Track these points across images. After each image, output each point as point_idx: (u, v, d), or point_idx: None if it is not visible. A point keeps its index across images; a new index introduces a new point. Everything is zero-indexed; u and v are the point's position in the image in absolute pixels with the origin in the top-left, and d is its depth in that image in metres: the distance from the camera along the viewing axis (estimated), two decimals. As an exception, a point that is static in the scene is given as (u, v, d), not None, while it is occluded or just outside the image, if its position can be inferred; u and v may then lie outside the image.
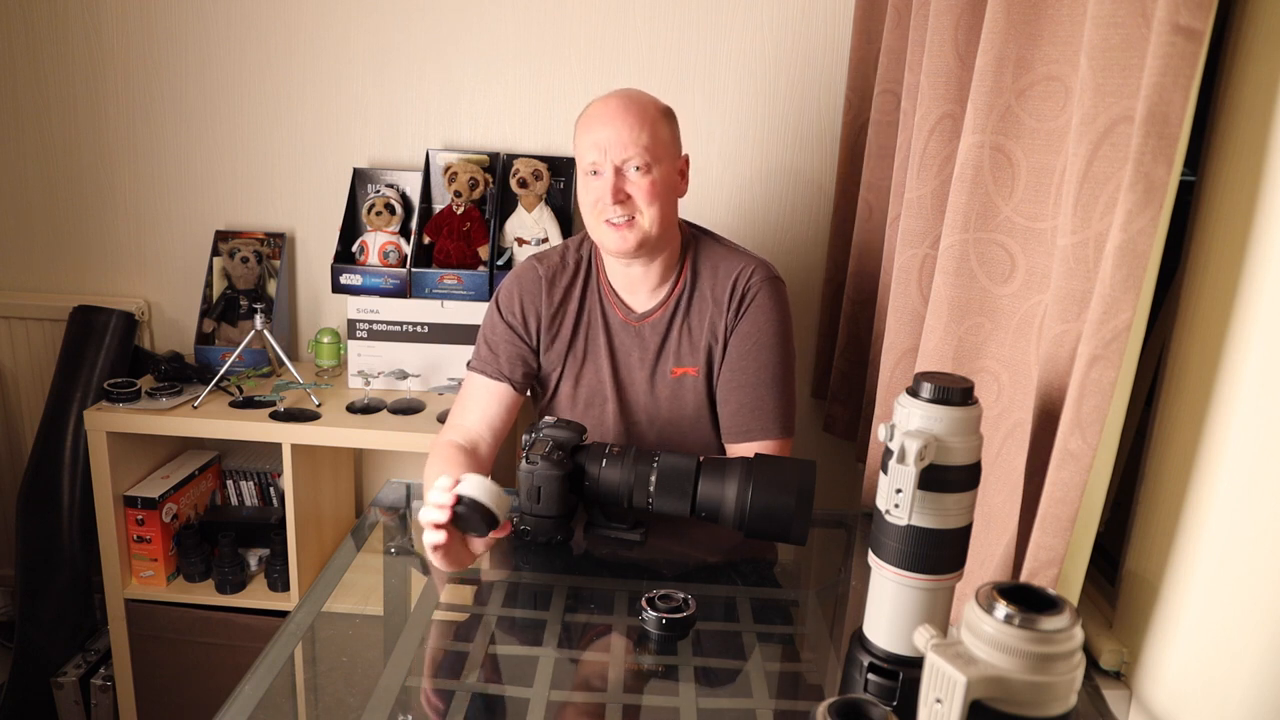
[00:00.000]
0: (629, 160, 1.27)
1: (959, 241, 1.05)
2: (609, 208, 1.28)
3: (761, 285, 1.36)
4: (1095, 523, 0.89)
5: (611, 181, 1.27)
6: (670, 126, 1.34)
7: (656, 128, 1.29)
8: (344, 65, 1.96)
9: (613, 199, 1.27)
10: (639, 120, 1.27)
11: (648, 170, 1.28)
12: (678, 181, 1.35)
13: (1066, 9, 0.92)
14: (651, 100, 1.32)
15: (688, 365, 1.39)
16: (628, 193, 1.28)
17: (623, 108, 1.28)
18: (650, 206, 1.28)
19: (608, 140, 1.27)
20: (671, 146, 1.33)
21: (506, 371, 1.39)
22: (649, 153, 1.27)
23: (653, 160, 1.28)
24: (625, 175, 1.28)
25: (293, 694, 0.94)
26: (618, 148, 1.27)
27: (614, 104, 1.29)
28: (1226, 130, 0.85)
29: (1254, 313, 0.79)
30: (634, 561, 1.20)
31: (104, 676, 1.93)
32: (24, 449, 2.11)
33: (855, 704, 0.65)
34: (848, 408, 1.78)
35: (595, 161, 1.29)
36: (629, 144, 1.27)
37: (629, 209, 1.28)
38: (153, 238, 2.07)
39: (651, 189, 1.28)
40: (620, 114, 1.28)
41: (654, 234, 1.30)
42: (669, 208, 1.32)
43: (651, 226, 1.29)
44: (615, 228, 1.29)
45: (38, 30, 1.97)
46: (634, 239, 1.29)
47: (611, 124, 1.27)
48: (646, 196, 1.28)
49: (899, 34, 1.51)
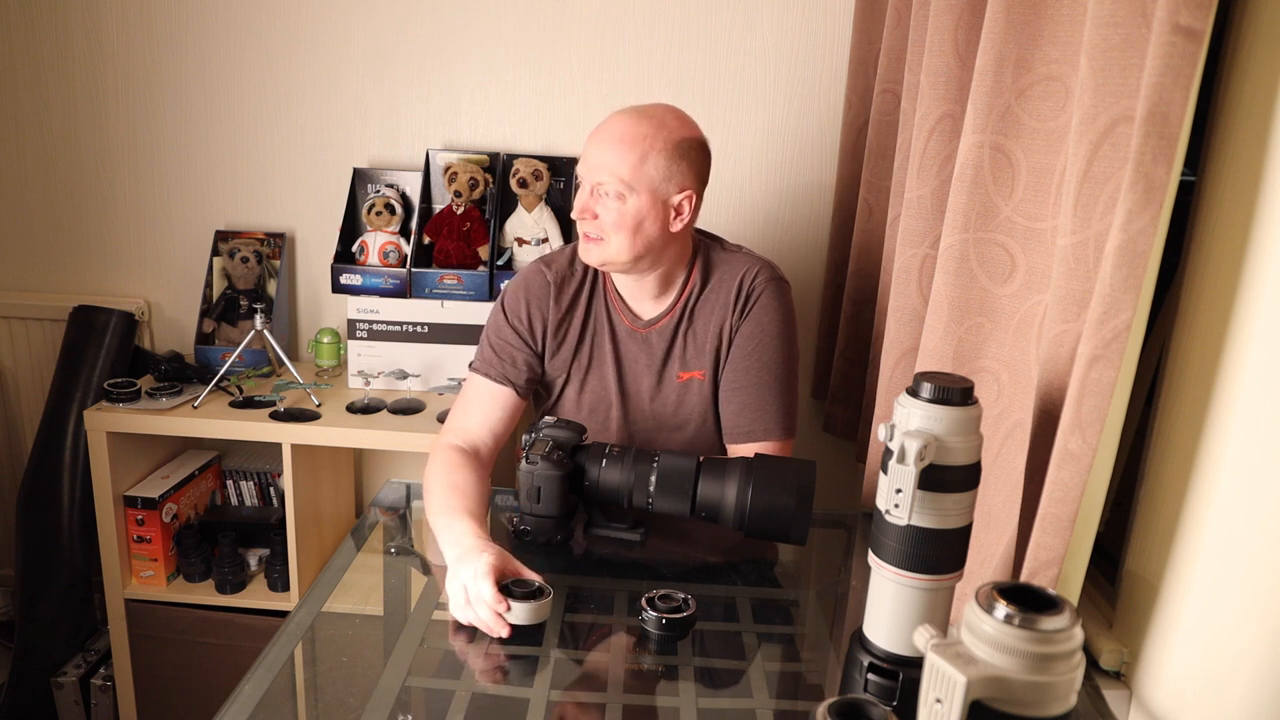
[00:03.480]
0: (602, 185, 1.27)
1: (959, 241, 1.05)
2: (581, 221, 1.30)
3: (766, 286, 1.36)
4: (1095, 523, 0.89)
5: (585, 200, 1.29)
6: (669, 160, 1.26)
7: (647, 160, 1.25)
8: (344, 65, 1.96)
9: (579, 214, 1.29)
10: (630, 149, 1.25)
11: (621, 199, 1.27)
12: (663, 215, 1.28)
13: (1066, 9, 0.92)
14: (657, 131, 1.26)
15: (694, 369, 1.39)
16: (596, 212, 1.28)
17: (618, 133, 1.27)
18: (615, 234, 1.27)
19: (592, 159, 1.28)
20: (662, 181, 1.27)
21: (510, 375, 1.38)
22: (622, 183, 1.26)
23: (627, 191, 1.26)
24: (599, 196, 1.28)
25: (293, 694, 0.94)
26: (596, 169, 1.27)
27: (614, 126, 1.28)
28: (1226, 130, 0.85)
29: (1254, 313, 0.79)
30: (634, 561, 1.20)
31: (104, 676, 1.93)
32: (24, 449, 2.11)
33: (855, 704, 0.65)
34: (848, 408, 1.78)
35: (580, 174, 1.31)
36: (604, 170, 1.26)
37: (596, 228, 1.29)
38: (153, 238, 2.07)
39: (620, 218, 1.27)
40: (613, 137, 1.27)
41: (621, 259, 1.29)
42: (643, 239, 1.28)
43: (618, 253, 1.29)
44: (586, 239, 1.31)
45: (38, 30, 1.97)
46: (596, 256, 1.31)
47: (600, 145, 1.28)
48: (613, 224, 1.27)
49: (899, 34, 1.51)
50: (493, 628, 0.99)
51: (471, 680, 0.96)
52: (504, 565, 1.04)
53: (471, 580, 1.00)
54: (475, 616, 1.00)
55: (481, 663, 0.98)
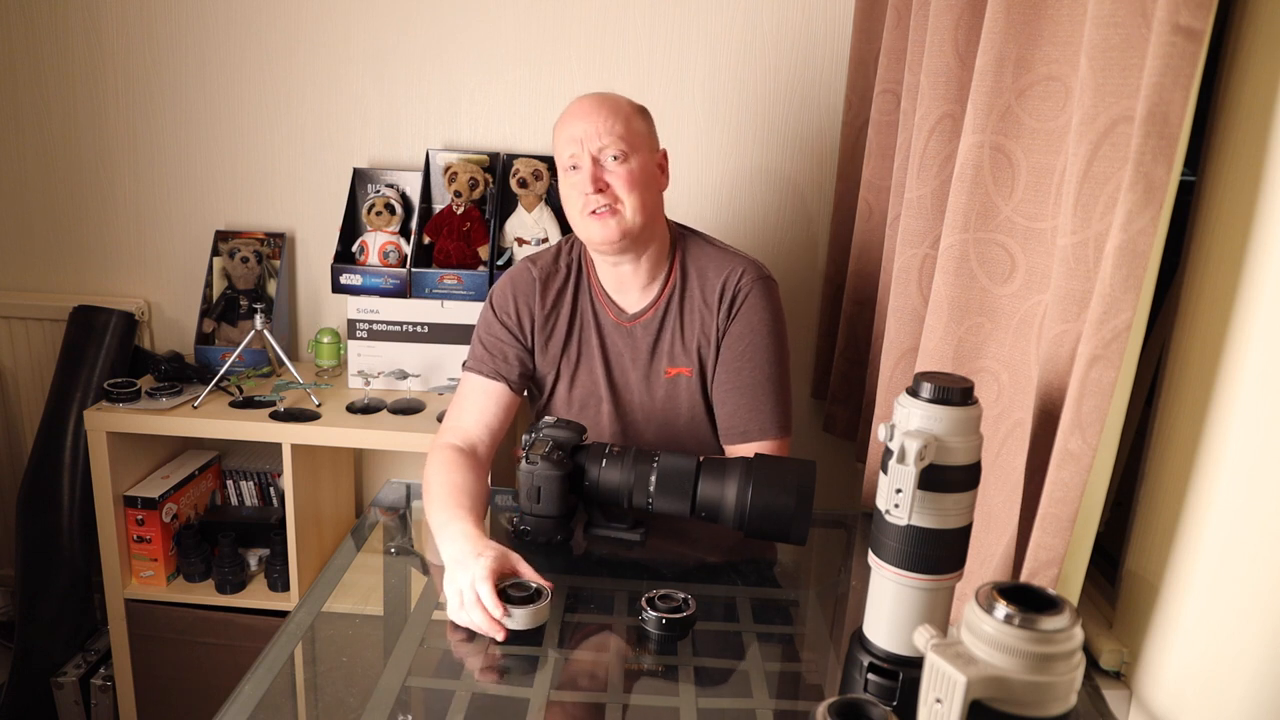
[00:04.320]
0: (605, 149, 1.29)
1: (959, 241, 1.05)
2: (590, 197, 1.29)
3: (752, 286, 1.36)
4: (1095, 523, 0.89)
5: (590, 170, 1.29)
6: (645, 121, 1.37)
7: (631, 120, 1.32)
8: (344, 65, 1.96)
9: (593, 187, 1.28)
10: (612, 112, 1.30)
11: (625, 159, 1.29)
12: (657, 174, 1.36)
13: (1066, 9, 0.92)
14: (624, 98, 1.36)
15: (681, 366, 1.39)
16: (606, 181, 1.29)
17: (595, 102, 1.32)
18: (630, 194, 1.29)
19: (583, 132, 1.29)
20: (648, 139, 1.35)
21: (503, 371, 1.38)
22: (624, 141, 1.29)
23: (629, 149, 1.30)
24: (603, 164, 1.30)
25: (293, 694, 0.94)
26: (593, 138, 1.29)
27: (588, 101, 1.33)
28: (1226, 130, 0.85)
29: (1254, 313, 0.79)
30: (634, 561, 1.20)
31: (104, 676, 1.93)
32: (24, 449, 2.11)
33: (855, 704, 0.65)
34: (848, 408, 1.78)
35: (574, 155, 1.30)
36: (604, 133, 1.29)
37: (608, 197, 1.29)
38: (153, 238, 2.07)
39: (630, 177, 1.29)
40: (593, 108, 1.31)
41: (636, 224, 1.30)
42: (650, 198, 1.33)
43: (633, 216, 1.30)
44: (598, 217, 1.29)
45: (38, 30, 1.97)
46: (617, 228, 1.29)
47: (586, 117, 1.30)
48: (625, 185, 1.29)
49: (899, 34, 1.51)
50: (490, 632, 0.99)
51: (471, 680, 0.96)
52: (503, 565, 1.04)
53: (469, 585, 1.00)
54: (472, 620, 1.00)
55: (481, 663, 0.98)
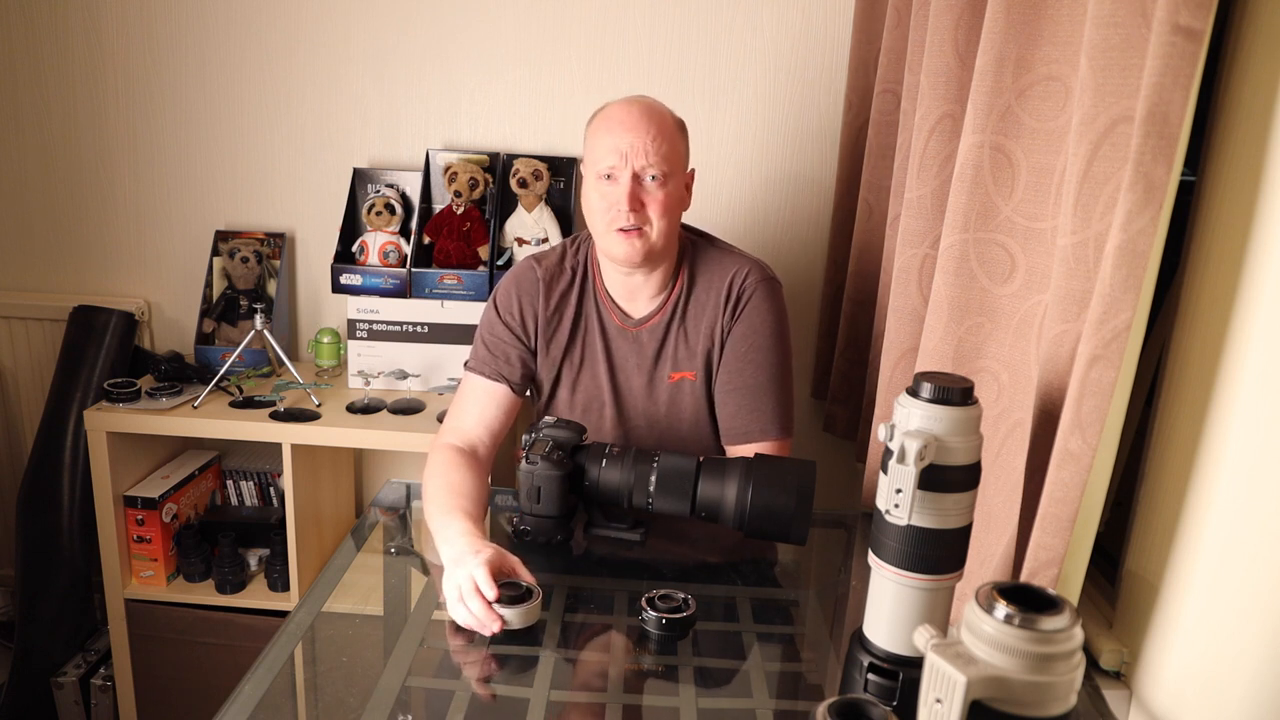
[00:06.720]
0: (647, 169, 1.26)
1: (959, 241, 1.05)
2: (623, 215, 1.26)
3: (757, 286, 1.36)
4: (1095, 523, 0.89)
5: (629, 188, 1.25)
6: (684, 140, 1.34)
7: (675, 140, 1.29)
8: (344, 65, 1.96)
9: (629, 205, 1.25)
10: (660, 130, 1.27)
11: (664, 182, 1.27)
12: (684, 196, 1.35)
13: (1066, 9, 0.92)
14: (669, 112, 1.32)
15: (685, 370, 1.39)
16: (643, 201, 1.26)
17: (645, 115, 1.27)
18: (661, 219, 1.27)
19: (629, 146, 1.25)
20: (685, 159, 1.34)
21: (505, 372, 1.38)
22: (667, 162, 1.26)
23: (670, 171, 1.27)
24: (642, 183, 1.26)
25: (293, 694, 0.94)
26: (639, 154, 1.25)
27: (636, 110, 1.28)
28: (1226, 130, 0.85)
29: (1254, 313, 0.79)
30: (634, 561, 1.20)
31: (104, 676, 1.93)
32: (24, 449, 2.11)
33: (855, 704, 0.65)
34: (848, 408, 1.78)
35: (613, 166, 1.26)
36: (650, 151, 1.25)
37: (640, 219, 1.27)
38: (153, 238, 2.07)
39: (666, 201, 1.27)
40: (644, 121, 1.26)
41: (659, 246, 1.29)
42: (676, 222, 1.32)
43: (659, 239, 1.28)
44: (625, 235, 1.27)
45: (38, 30, 1.97)
46: (642, 249, 1.28)
47: (635, 130, 1.26)
48: (660, 209, 1.27)
49: (899, 34, 1.51)
50: (486, 624, 0.98)
51: (471, 680, 0.96)
52: (501, 563, 1.04)
53: (466, 577, 1.00)
54: (468, 614, 0.99)
55: (481, 663, 0.99)
